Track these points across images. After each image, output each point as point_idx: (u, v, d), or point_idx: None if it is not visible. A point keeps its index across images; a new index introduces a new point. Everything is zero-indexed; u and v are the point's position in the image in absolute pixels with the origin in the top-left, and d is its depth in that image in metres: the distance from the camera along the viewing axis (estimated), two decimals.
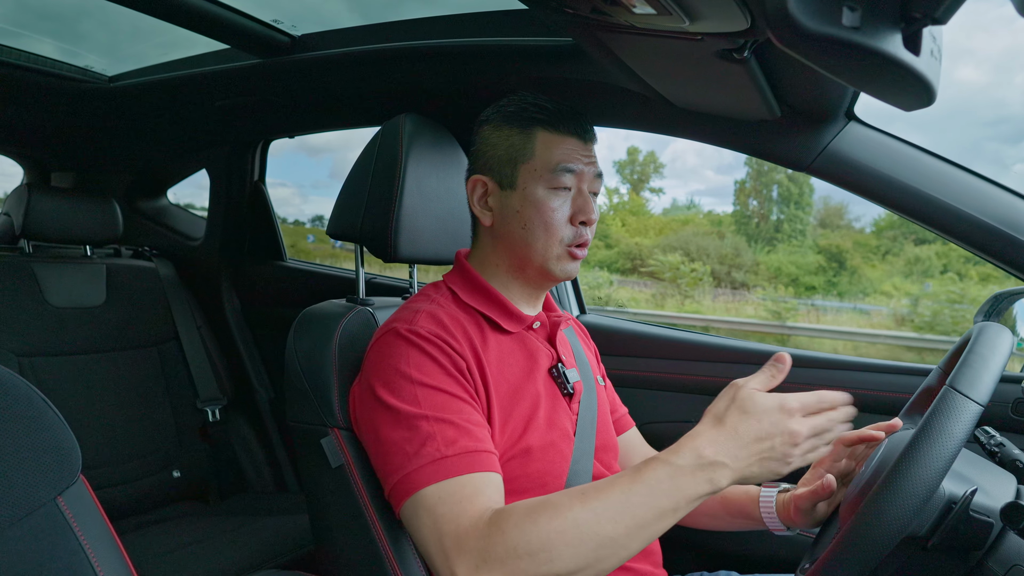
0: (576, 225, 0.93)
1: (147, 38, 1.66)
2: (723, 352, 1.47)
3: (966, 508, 0.69)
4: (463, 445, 0.77)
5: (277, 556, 1.56)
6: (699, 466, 0.68)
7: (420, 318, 0.88)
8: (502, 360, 0.92)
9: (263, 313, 2.15)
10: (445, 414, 0.79)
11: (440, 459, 0.76)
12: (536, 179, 0.92)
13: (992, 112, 25.88)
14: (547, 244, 0.93)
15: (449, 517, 0.72)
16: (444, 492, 0.74)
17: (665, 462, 0.69)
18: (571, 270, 0.96)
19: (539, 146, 0.92)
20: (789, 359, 0.74)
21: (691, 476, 0.68)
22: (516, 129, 0.94)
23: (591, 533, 0.67)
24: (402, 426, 0.79)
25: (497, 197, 0.96)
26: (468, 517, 0.72)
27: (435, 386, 0.81)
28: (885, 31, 0.57)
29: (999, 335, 0.75)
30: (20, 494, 0.58)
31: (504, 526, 0.69)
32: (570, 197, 0.93)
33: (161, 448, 1.83)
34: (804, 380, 1.37)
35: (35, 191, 1.75)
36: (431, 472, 0.75)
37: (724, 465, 0.68)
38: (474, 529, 0.70)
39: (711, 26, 0.80)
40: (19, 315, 1.67)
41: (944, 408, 0.64)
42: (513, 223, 0.94)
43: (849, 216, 17.48)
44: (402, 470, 0.77)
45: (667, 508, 0.68)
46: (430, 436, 0.77)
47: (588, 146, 0.95)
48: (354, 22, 1.46)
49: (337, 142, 36.99)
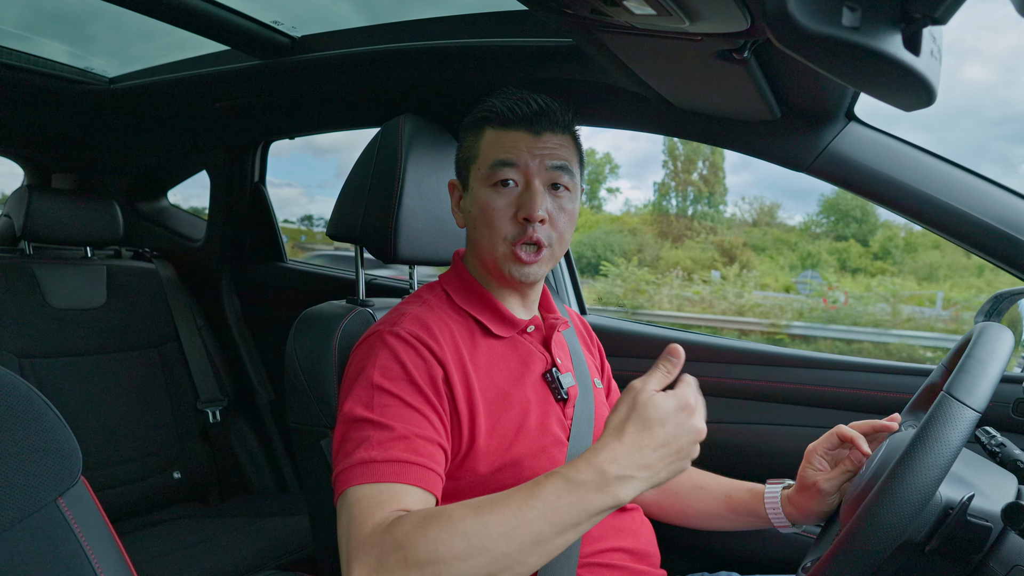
0: (520, 221, 0.90)
1: (151, 40, 1.67)
2: (725, 352, 1.47)
3: (963, 513, 0.69)
4: (396, 454, 0.76)
5: (278, 557, 1.56)
6: (602, 482, 0.65)
7: (404, 320, 0.88)
8: (491, 366, 0.92)
9: (263, 314, 2.15)
10: (392, 421, 0.78)
11: (369, 462, 0.75)
12: (480, 179, 0.92)
13: (998, 111, 25.89)
14: (492, 243, 0.91)
15: (357, 521, 0.71)
16: (363, 495, 0.73)
17: (564, 478, 0.66)
18: (524, 273, 0.91)
19: (484, 145, 0.92)
20: (682, 352, 0.72)
21: (594, 493, 0.65)
22: (471, 132, 0.96)
23: (482, 548, 0.64)
24: (349, 426, 0.80)
25: (465, 200, 0.97)
26: (372, 522, 0.70)
27: (393, 392, 0.81)
28: (885, 31, 0.57)
29: (999, 337, 0.75)
30: (21, 495, 0.58)
31: (396, 533, 0.67)
32: (515, 193, 0.90)
33: (162, 449, 1.83)
34: (804, 380, 1.37)
35: (36, 193, 1.75)
36: (357, 473, 0.75)
37: (630, 478, 0.66)
38: (372, 535, 0.68)
39: (711, 26, 0.80)
40: (20, 316, 1.67)
41: (941, 415, 0.64)
42: (470, 225, 0.95)
43: (782, 215, 18.65)
44: (337, 467, 0.78)
45: (567, 524, 0.66)
46: (367, 440, 0.77)
47: (541, 138, 0.91)
48: (354, 23, 1.46)
49: (343, 142, 37.08)
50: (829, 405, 1.35)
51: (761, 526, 1.03)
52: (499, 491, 0.79)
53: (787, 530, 1.01)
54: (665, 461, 0.67)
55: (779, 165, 1.22)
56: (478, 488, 0.84)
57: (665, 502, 1.11)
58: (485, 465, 0.86)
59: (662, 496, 1.12)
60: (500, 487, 0.84)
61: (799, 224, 17.63)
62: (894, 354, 9.13)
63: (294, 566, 1.56)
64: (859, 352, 9.11)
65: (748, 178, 32.17)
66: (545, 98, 0.93)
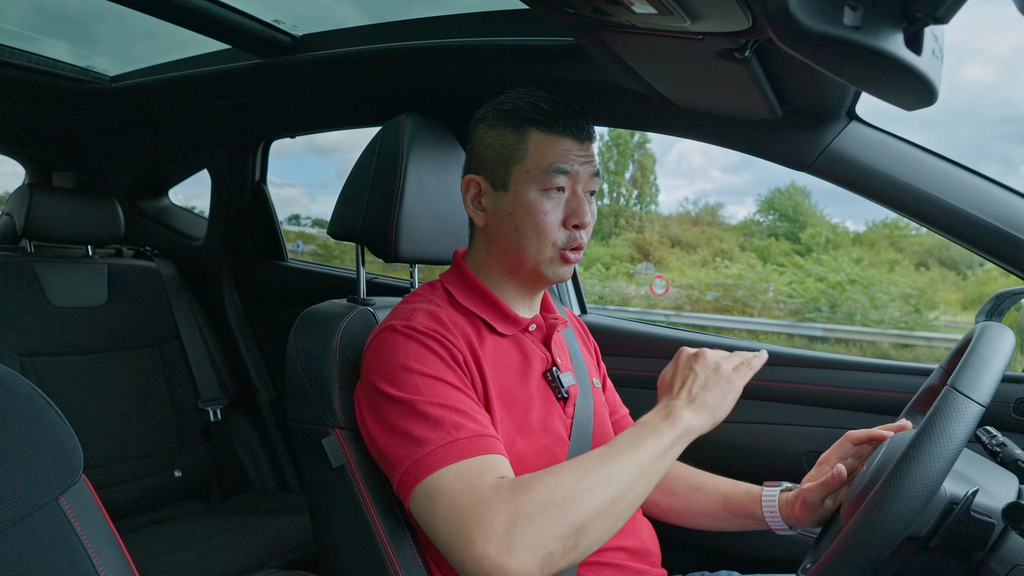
0: (569, 228, 0.92)
1: (153, 39, 1.67)
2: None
3: (967, 509, 0.68)
4: (471, 429, 0.78)
5: (278, 556, 1.56)
6: (661, 415, 0.80)
7: (417, 315, 0.88)
8: (497, 362, 0.92)
9: (264, 313, 2.15)
10: (448, 401, 0.80)
11: (450, 442, 0.76)
12: (528, 181, 0.91)
13: (1000, 112, 25.89)
14: (539, 247, 0.91)
15: (466, 492, 0.72)
16: (458, 471, 0.74)
17: (633, 425, 0.81)
18: (563, 273, 0.95)
19: (532, 147, 0.91)
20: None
21: (663, 422, 0.79)
22: (510, 129, 0.92)
23: (601, 476, 0.73)
24: (408, 416, 0.79)
25: (490, 198, 0.95)
26: (487, 487, 0.72)
27: (436, 376, 0.82)
28: (886, 30, 0.57)
29: (1001, 335, 0.75)
30: (22, 494, 0.58)
31: (529, 484, 0.72)
32: (563, 199, 0.92)
33: (162, 448, 1.83)
34: (805, 380, 1.37)
35: (37, 191, 1.75)
36: (442, 455, 0.75)
37: (676, 406, 0.80)
38: (496, 495, 0.71)
39: (712, 25, 0.80)
40: (21, 315, 1.67)
41: (945, 409, 0.63)
42: (505, 225, 0.93)
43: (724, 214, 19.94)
44: (411, 458, 0.77)
45: (656, 449, 0.76)
46: (437, 422, 0.77)
47: (584, 146, 0.92)
48: (355, 22, 1.46)
49: (346, 142, 37.10)
50: (830, 405, 1.35)
51: (758, 528, 1.04)
52: None
53: (784, 532, 1.01)
54: (700, 387, 0.82)
55: (780, 164, 1.22)
56: None
57: (663, 502, 1.12)
58: None
59: (660, 495, 1.12)
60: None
61: (739, 222, 18.67)
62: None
63: (295, 565, 1.56)
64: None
65: (749, 178, 32.19)
66: (572, 103, 0.94)
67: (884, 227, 14.01)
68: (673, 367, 0.85)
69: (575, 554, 0.70)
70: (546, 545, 0.68)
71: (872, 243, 14.36)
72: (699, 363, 0.83)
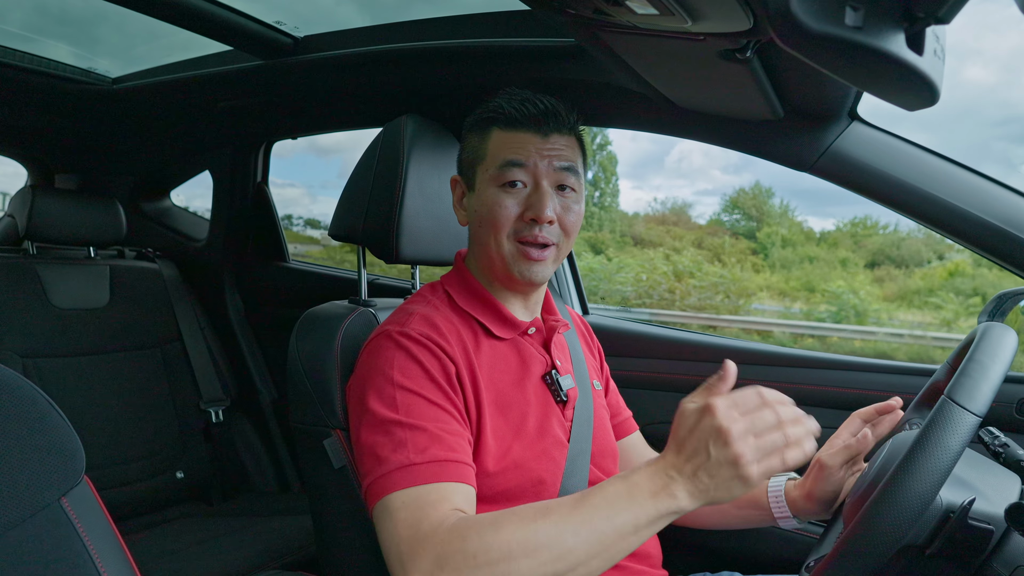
0: (527, 221, 0.90)
1: (154, 40, 1.68)
2: (726, 353, 1.46)
3: (964, 517, 0.68)
4: (433, 453, 0.76)
5: (280, 557, 1.56)
6: (657, 488, 0.66)
7: (413, 320, 0.88)
8: (494, 366, 0.92)
9: (266, 314, 2.15)
10: (421, 421, 0.79)
11: (408, 466, 0.75)
12: (487, 179, 0.92)
13: (1000, 112, 25.84)
14: (497, 242, 0.91)
15: (409, 522, 0.71)
16: (408, 498, 0.73)
17: (625, 480, 0.67)
18: (531, 272, 0.91)
19: (491, 145, 0.92)
20: (732, 368, 0.69)
21: (648, 498, 0.66)
22: (477, 131, 0.95)
23: (551, 543, 0.65)
24: (378, 430, 0.79)
25: (468, 198, 0.97)
26: (428, 522, 0.70)
27: (416, 391, 0.81)
28: (888, 31, 0.57)
29: (1002, 338, 0.74)
30: (24, 495, 0.58)
31: (465, 533, 0.67)
32: (523, 194, 0.91)
33: (164, 449, 1.83)
34: (805, 380, 1.37)
35: (39, 193, 1.75)
36: (399, 478, 0.75)
37: (681, 487, 0.65)
38: (432, 534, 0.68)
39: (713, 26, 0.80)
40: (23, 316, 1.68)
41: (941, 420, 0.63)
42: (475, 224, 0.95)
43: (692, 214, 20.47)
44: (373, 474, 0.77)
45: (627, 527, 0.65)
46: (401, 443, 0.77)
47: (548, 139, 0.91)
48: (356, 23, 1.46)
49: (347, 142, 37.08)
50: (830, 405, 1.34)
51: (762, 519, 1.03)
52: (505, 489, 0.86)
53: (788, 523, 1.01)
54: (704, 468, 0.64)
55: (782, 165, 1.22)
56: (487, 485, 0.85)
57: None
58: (492, 463, 0.86)
59: None
60: (506, 486, 0.85)
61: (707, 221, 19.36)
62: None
63: (296, 566, 1.56)
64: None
65: (750, 178, 32.21)
66: (550, 99, 0.93)
67: (853, 226, 14.85)
68: (696, 420, 0.66)
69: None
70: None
71: (835, 241, 15.12)
72: (718, 443, 0.63)
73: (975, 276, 11.40)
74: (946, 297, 11.13)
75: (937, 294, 11.46)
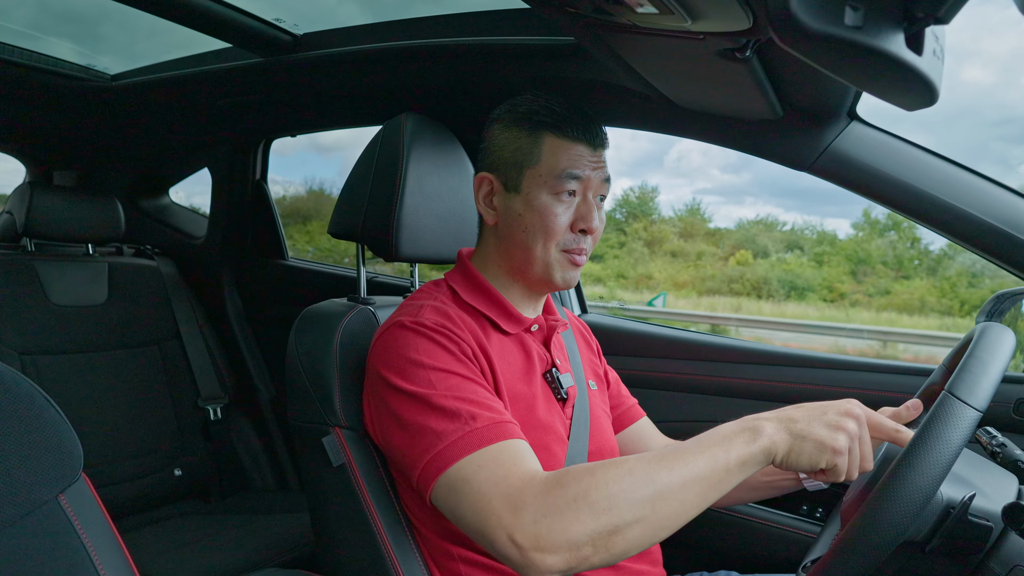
0: (576, 232, 0.93)
1: (154, 38, 1.67)
2: (725, 352, 1.46)
3: (964, 513, 0.69)
4: (487, 417, 0.77)
5: (278, 554, 1.56)
6: (746, 426, 0.72)
7: (425, 311, 0.88)
8: (503, 359, 0.93)
9: (265, 311, 2.15)
10: (462, 393, 0.79)
11: (469, 432, 0.75)
12: (541, 185, 0.91)
13: (998, 113, 25.90)
14: (546, 249, 0.92)
15: (494, 480, 0.71)
16: (482, 460, 0.73)
17: (719, 426, 0.73)
18: (571, 278, 0.95)
19: (546, 151, 0.91)
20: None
21: (739, 433, 0.71)
22: (524, 132, 0.93)
23: (647, 480, 0.68)
24: (423, 410, 0.78)
25: (502, 197, 0.95)
26: (517, 477, 0.71)
27: (447, 369, 0.81)
28: (887, 31, 0.57)
29: (1001, 337, 0.75)
30: (22, 492, 0.58)
31: (563, 480, 0.69)
32: (575, 204, 0.92)
33: (163, 447, 1.83)
34: (805, 380, 1.37)
35: (37, 189, 1.75)
36: (463, 445, 0.74)
37: (768, 421, 0.71)
38: (528, 487, 0.69)
39: (713, 25, 0.80)
40: (21, 313, 1.68)
41: (942, 414, 0.64)
42: (515, 226, 0.93)
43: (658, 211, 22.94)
44: (431, 451, 0.76)
45: (719, 462, 0.69)
46: (454, 413, 0.77)
47: (597, 152, 0.93)
48: (356, 21, 1.46)
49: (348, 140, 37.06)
50: None
51: (787, 483, 1.05)
52: None
53: (813, 484, 1.03)
54: (806, 418, 0.71)
55: (781, 164, 1.22)
56: None
57: None
58: None
59: None
60: None
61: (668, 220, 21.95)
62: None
63: (295, 564, 1.57)
64: None
65: (749, 177, 32.22)
66: (585, 108, 0.95)
67: (750, 224, 17.87)
68: (833, 404, 0.74)
69: (608, 556, 0.68)
70: (576, 543, 0.66)
71: (723, 237, 18.28)
72: (831, 422, 0.71)
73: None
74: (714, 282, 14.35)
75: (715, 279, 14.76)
